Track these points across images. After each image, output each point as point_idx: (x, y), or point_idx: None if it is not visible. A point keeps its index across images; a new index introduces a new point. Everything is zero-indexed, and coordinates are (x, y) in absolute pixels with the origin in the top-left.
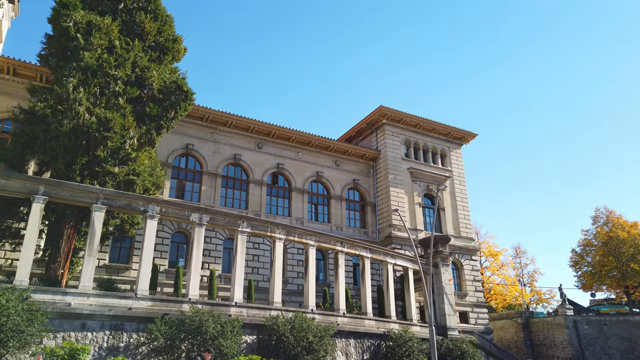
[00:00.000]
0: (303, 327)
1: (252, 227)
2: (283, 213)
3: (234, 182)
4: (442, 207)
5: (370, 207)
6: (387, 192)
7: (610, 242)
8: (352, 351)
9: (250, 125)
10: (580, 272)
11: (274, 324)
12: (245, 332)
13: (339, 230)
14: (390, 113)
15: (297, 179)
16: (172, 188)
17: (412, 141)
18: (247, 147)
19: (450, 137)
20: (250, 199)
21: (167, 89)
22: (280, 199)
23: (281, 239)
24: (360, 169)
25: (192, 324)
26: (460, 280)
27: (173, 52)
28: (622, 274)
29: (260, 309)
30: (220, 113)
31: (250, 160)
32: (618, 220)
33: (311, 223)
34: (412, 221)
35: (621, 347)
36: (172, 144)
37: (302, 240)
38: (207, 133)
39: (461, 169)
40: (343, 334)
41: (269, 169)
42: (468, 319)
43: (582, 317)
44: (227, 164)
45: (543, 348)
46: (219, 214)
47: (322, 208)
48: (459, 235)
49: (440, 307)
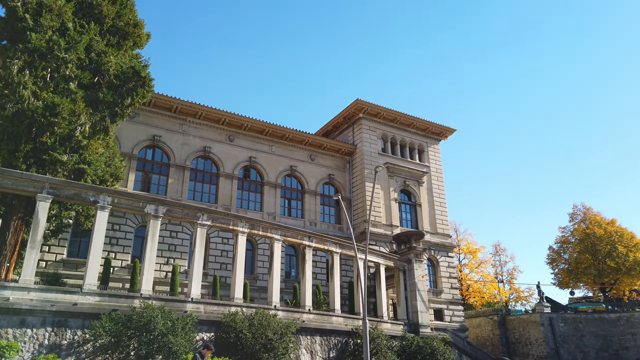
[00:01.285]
0: (263, 324)
1: (212, 220)
2: (255, 208)
3: (203, 175)
4: (418, 203)
5: (345, 202)
6: (363, 187)
7: (586, 239)
8: (318, 349)
9: (221, 117)
10: (557, 269)
11: (232, 321)
12: (202, 329)
13: (312, 226)
14: (367, 107)
15: (270, 172)
16: (137, 180)
17: (389, 136)
18: (218, 140)
19: (428, 132)
20: (220, 192)
21: (124, 74)
22: (252, 193)
23: (244, 232)
24: (336, 164)
25: (140, 320)
26: (436, 277)
27: (134, 38)
28: (598, 271)
29: (220, 305)
30: (190, 104)
31: (221, 153)
32: (595, 217)
33: (284, 218)
34: (388, 217)
35: (596, 344)
36: (137, 135)
37: (267, 235)
38: (176, 124)
39: (439, 165)
40: (308, 331)
41: (241, 162)
42: (443, 316)
43: (557, 315)
44: (197, 157)
45: (519, 346)
46: (177, 206)
47: (296, 203)
48: (435, 232)
49: (412, 304)
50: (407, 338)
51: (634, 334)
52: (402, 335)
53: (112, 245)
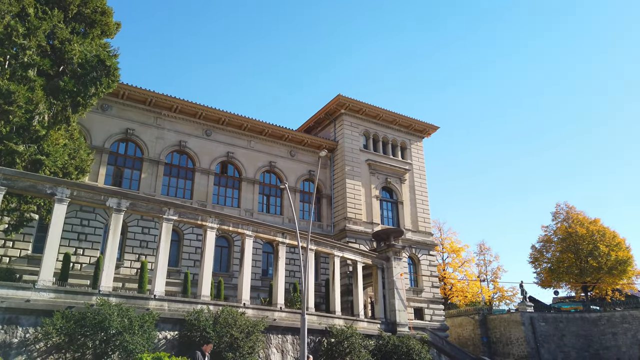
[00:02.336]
0: (228, 322)
1: (180, 214)
2: (232, 204)
3: (178, 170)
4: (400, 200)
5: (326, 200)
6: (344, 184)
7: (569, 238)
8: (289, 348)
9: (197, 110)
10: (539, 268)
11: (195, 319)
12: (166, 327)
13: (291, 224)
14: (348, 103)
15: (249, 168)
16: (108, 175)
17: (372, 132)
18: (195, 134)
19: (411, 129)
20: (196, 188)
21: (89, 63)
22: (229, 189)
23: (213, 228)
24: (316, 160)
25: (95, 318)
26: (417, 275)
27: (102, 26)
28: (580, 270)
29: (185, 303)
30: (165, 97)
31: (197, 148)
32: (577, 216)
33: (262, 215)
34: (369, 214)
35: (577, 344)
36: (110, 128)
37: (238, 230)
38: (150, 118)
39: (421, 162)
40: (280, 330)
41: (218, 158)
42: (423, 315)
43: (539, 314)
44: (172, 151)
45: (500, 345)
46: (141, 200)
47: (275, 199)
48: (417, 230)
49: (390, 303)
50: (383, 337)
51: (614, 333)
52: (378, 334)
53: (81, 241)
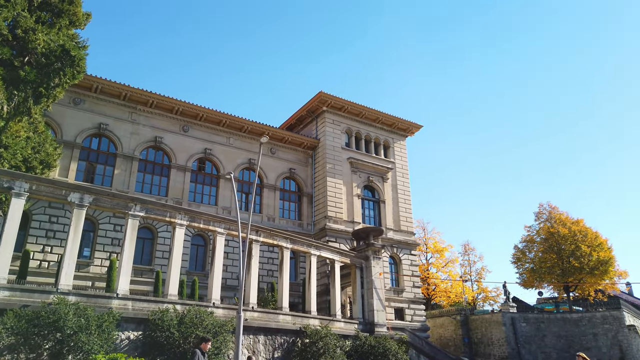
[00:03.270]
0: (194, 322)
1: (146, 211)
2: (209, 202)
3: (153, 166)
4: (382, 199)
5: (306, 198)
6: (324, 182)
7: (551, 238)
8: (261, 349)
9: (174, 106)
10: (521, 268)
11: (159, 319)
12: (129, 327)
13: (270, 222)
14: (330, 100)
15: (227, 165)
16: (79, 170)
17: (354, 130)
18: (171, 130)
19: (394, 127)
20: (172, 185)
21: (53, 53)
22: (206, 187)
23: (182, 225)
24: (298, 158)
25: (49, 317)
26: (398, 275)
27: (69, 16)
28: (562, 270)
29: (151, 302)
30: (140, 91)
31: (173, 144)
32: (559, 216)
33: (240, 213)
34: (350, 213)
35: (558, 345)
36: (82, 122)
37: (209, 228)
38: (125, 113)
39: (404, 161)
40: (252, 330)
41: (195, 154)
42: (404, 315)
43: (520, 315)
44: (147, 147)
45: (481, 346)
46: (106, 195)
47: (254, 197)
48: (399, 229)
49: (369, 302)
50: (360, 337)
51: (595, 334)
52: (355, 334)
53: (49, 238)
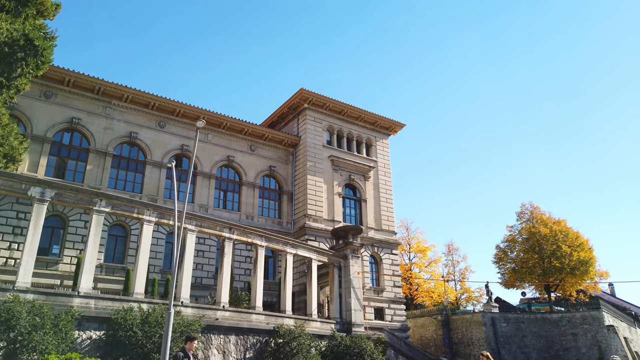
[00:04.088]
0: (159, 321)
1: (112, 206)
2: (185, 199)
3: (128, 162)
4: (363, 198)
5: (287, 196)
6: (305, 180)
7: (532, 237)
8: (232, 349)
9: (150, 101)
10: (503, 268)
11: (121, 318)
12: (91, 326)
13: (249, 220)
14: (312, 97)
15: (205, 162)
16: (50, 166)
17: (336, 128)
18: (147, 126)
19: (377, 126)
20: (147, 182)
21: (16, 42)
22: (183, 184)
23: (151, 222)
24: (278, 156)
25: (2, 316)
26: (378, 274)
27: (37, 5)
28: (543, 270)
29: (115, 301)
30: (115, 85)
31: (149, 140)
32: (541, 216)
33: (218, 211)
34: (330, 212)
35: (537, 345)
36: (53, 116)
37: (178, 225)
38: (99, 107)
39: (387, 160)
40: (222, 330)
41: (172, 151)
42: (384, 315)
43: (500, 315)
44: (121, 143)
45: (461, 346)
46: (69, 190)
47: (232, 195)
48: (380, 228)
49: (346, 302)
50: (336, 337)
51: (575, 334)
52: (331, 334)
53: (16, 235)
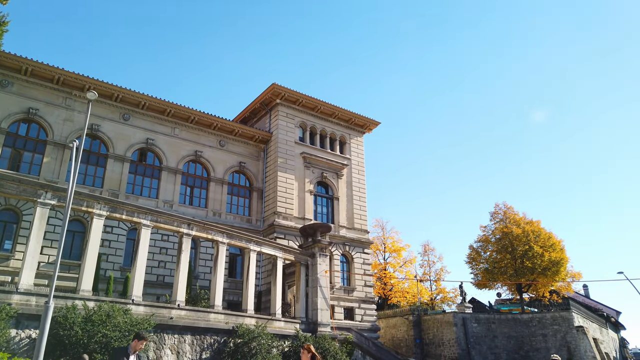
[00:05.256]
0: (103, 319)
1: (59, 199)
2: (149, 194)
3: (88, 155)
4: (336, 196)
5: (257, 193)
6: (275, 177)
7: (505, 238)
8: (187, 349)
9: (114, 92)
10: (476, 269)
11: (62, 316)
12: (31, 325)
13: (216, 217)
14: (284, 92)
15: (171, 157)
16: (4, 158)
17: (309, 125)
18: (110, 118)
19: (351, 123)
20: (108, 176)
21: None
22: (147, 179)
23: (101, 216)
24: (249, 152)
25: None
26: (349, 273)
27: None
28: (515, 270)
29: (59, 298)
30: (76, 75)
31: (111, 132)
32: (514, 216)
33: (183, 207)
34: (301, 209)
35: (508, 345)
36: (9, 106)
37: (133, 219)
38: (59, 98)
39: (361, 158)
40: (177, 329)
41: (136, 144)
42: (354, 315)
43: (471, 315)
44: (81, 135)
45: (432, 347)
46: (10, 181)
47: (200, 191)
48: (352, 227)
49: (313, 301)
50: (299, 338)
51: (544, 335)
52: (295, 334)
53: None
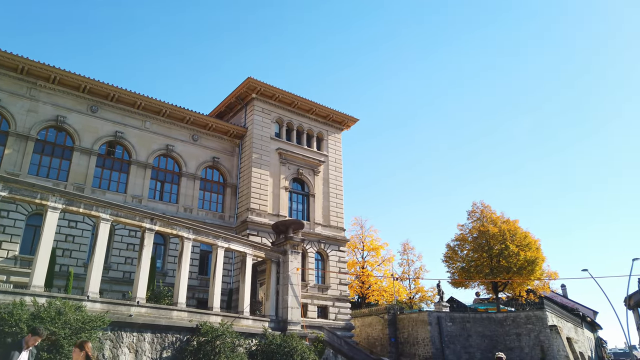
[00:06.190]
0: (52, 316)
1: (10, 190)
2: (117, 189)
3: (53, 148)
4: (312, 193)
5: (231, 189)
6: (250, 172)
7: (481, 236)
8: (147, 347)
9: (81, 83)
10: (452, 267)
11: (7, 312)
12: None
13: (187, 213)
14: (260, 87)
15: (141, 151)
16: None
17: (286, 120)
18: (77, 110)
19: (329, 119)
20: (74, 169)
21: None
22: (115, 173)
23: (57, 208)
24: (223, 147)
25: None
26: (324, 271)
27: None
28: (491, 269)
29: (7, 294)
30: (41, 65)
31: (78, 125)
32: (491, 215)
33: (153, 202)
34: (275, 206)
35: (482, 345)
36: None
37: (91, 213)
38: (22, 88)
39: (339, 155)
40: (136, 327)
41: (104, 137)
42: (328, 313)
43: (446, 314)
44: (47, 127)
45: (407, 346)
46: None
47: (170, 187)
48: (328, 224)
49: (283, 299)
50: (267, 336)
51: (518, 334)
52: (262, 333)
53: None
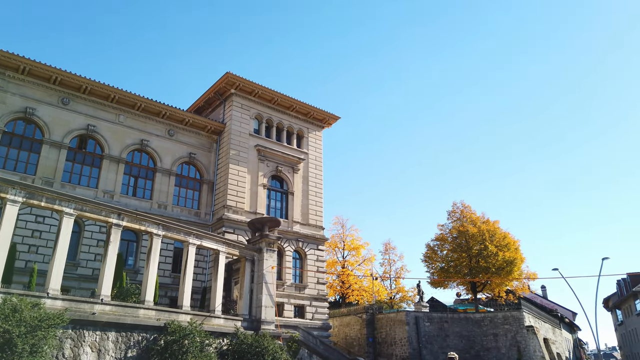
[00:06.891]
0: (6, 313)
1: None
2: (88, 184)
3: (21, 141)
4: (291, 191)
5: (207, 186)
6: (227, 169)
7: (461, 236)
8: (111, 346)
9: (52, 74)
10: (432, 267)
11: None
12: None
13: (161, 209)
14: (239, 82)
15: (114, 145)
16: None
17: (265, 117)
18: (47, 101)
19: (309, 117)
20: (42, 163)
21: None
22: (86, 167)
23: (16, 202)
24: (200, 142)
25: None
26: (302, 270)
27: None
28: (470, 269)
29: None
30: (9, 55)
31: (48, 117)
32: (471, 215)
33: (126, 198)
34: (253, 203)
35: (460, 345)
36: None
37: (54, 207)
38: None
39: (319, 153)
40: (99, 326)
41: (75, 130)
42: (305, 313)
43: (424, 314)
44: (14, 119)
45: (385, 346)
46: None
47: (144, 182)
48: (307, 223)
49: (257, 298)
50: (238, 336)
51: (495, 334)
52: (234, 332)
53: None
